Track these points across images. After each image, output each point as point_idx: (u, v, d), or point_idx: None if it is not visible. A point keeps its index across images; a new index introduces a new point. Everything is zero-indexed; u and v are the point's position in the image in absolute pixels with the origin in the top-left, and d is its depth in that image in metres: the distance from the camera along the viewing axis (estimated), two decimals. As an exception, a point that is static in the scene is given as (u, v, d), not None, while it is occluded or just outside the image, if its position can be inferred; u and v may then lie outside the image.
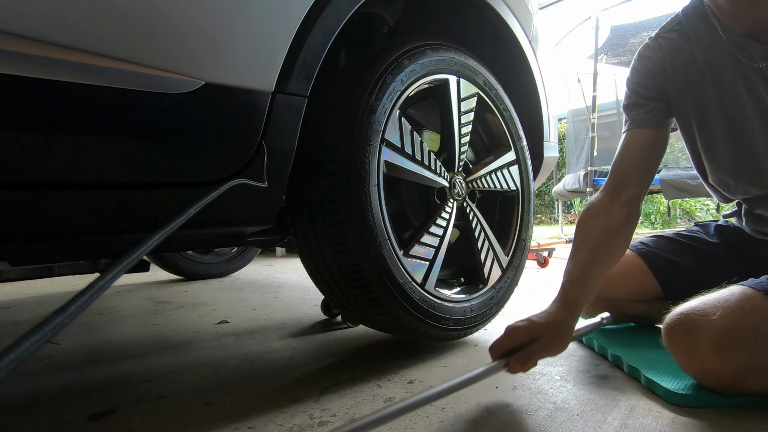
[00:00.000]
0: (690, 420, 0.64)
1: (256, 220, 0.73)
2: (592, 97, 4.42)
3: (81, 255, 0.79)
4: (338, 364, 0.93)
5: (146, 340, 1.16)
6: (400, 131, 0.87)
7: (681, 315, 0.72)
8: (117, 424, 0.68)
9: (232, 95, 0.63)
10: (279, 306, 1.56)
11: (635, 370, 0.80)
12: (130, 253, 0.31)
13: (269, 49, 0.67)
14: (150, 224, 0.62)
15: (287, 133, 0.71)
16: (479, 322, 1.01)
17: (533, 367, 0.74)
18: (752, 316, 0.67)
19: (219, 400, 0.75)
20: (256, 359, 0.97)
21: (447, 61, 0.96)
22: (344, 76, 0.87)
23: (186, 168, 0.63)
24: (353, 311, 0.89)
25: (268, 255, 3.61)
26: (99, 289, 0.26)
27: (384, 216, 0.82)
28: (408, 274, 0.84)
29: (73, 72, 0.51)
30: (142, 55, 0.55)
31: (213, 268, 2.38)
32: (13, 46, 0.47)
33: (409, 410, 0.57)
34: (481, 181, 1.06)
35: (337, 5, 0.75)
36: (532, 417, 0.66)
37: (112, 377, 0.89)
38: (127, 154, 0.58)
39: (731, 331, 0.66)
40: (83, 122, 0.53)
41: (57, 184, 0.54)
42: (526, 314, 0.77)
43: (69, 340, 1.17)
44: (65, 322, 0.23)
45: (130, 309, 1.59)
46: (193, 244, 1.03)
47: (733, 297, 0.70)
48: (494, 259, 1.07)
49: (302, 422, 0.66)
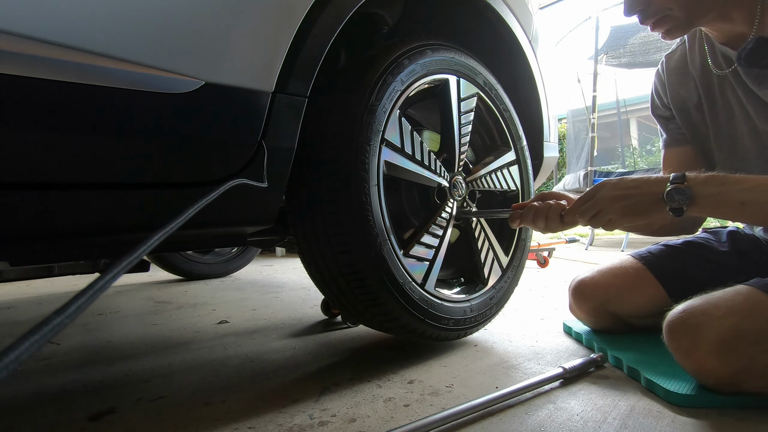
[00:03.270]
0: (690, 420, 0.64)
1: (256, 220, 0.73)
2: (592, 97, 4.42)
3: (81, 255, 0.79)
4: (338, 364, 0.93)
5: (146, 340, 1.16)
6: (400, 131, 0.87)
7: (683, 313, 0.72)
8: (117, 424, 0.68)
9: (232, 95, 0.63)
10: (279, 306, 1.56)
11: (635, 371, 0.80)
12: (130, 253, 0.31)
13: (269, 49, 0.67)
14: (150, 224, 0.62)
15: (287, 133, 0.71)
16: (479, 322, 1.01)
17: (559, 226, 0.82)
18: (755, 318, 0.66)
19: (219, 400, 0.75)
20: (256, 359, 0.97)
21: (447, 61, 0.96)
22: (344, 76, 0.87)
23: (186, 168, 0.63)
24: (353, 311, 0.89)
25: (268, 255, 3.61)
26: (99, 289, 0.26)
27: (384, 216, 0.82)
28: (408, 274, 0.84)
29: (73, 72, 0.51)
30: (141, 55, 0.55)
31: (213, 268, 2.38)
32: (13, 46, 0.47)
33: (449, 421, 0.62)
34: (481, 181, 1.06)
35: (337, 5, 0.75)
36: (532, 417, 0.66)
37: (112, 377, 0.89)
38: (127, 154, 0.58)
39: (733, 333, 0.66)
40: (83, 122, 0.53)
41: (57, 184, 0.54)
42: (527, 314, 0.77)
43: (69, 340, 1.17)
44: (65, 322, 0.23)
45: (130, 309, 1.59)
46: (193, 244, 1.03)
47: (738, 297, 0.69)
48: (494, 259, 1.07)
49: (302, 422, 0.66)
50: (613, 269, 1.02)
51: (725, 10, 0.80)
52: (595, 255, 3.22)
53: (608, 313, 1.01)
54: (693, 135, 0.98)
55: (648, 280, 0.97)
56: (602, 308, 1.01)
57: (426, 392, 0.76)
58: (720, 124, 0.91)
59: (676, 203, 0.71)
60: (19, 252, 0.69)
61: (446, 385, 0.79)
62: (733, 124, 0.88)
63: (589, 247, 3.80)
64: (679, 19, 0.81)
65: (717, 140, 0.93)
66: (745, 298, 0.69)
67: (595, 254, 3.28)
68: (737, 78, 0.85)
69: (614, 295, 0.99)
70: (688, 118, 0.98)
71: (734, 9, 0.79)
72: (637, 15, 0.83)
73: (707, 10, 0.80)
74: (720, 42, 0.86)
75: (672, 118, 1.01)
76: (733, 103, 0.87)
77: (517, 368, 0.87)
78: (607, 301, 1.00)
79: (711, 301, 0.70)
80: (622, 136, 4.95)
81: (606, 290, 1.00)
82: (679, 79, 0.97)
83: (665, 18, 0.81)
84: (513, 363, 0.90)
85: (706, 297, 0.72)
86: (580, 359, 0.83)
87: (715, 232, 1.05)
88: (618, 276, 1.00)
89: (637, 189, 0.75)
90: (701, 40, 0.92)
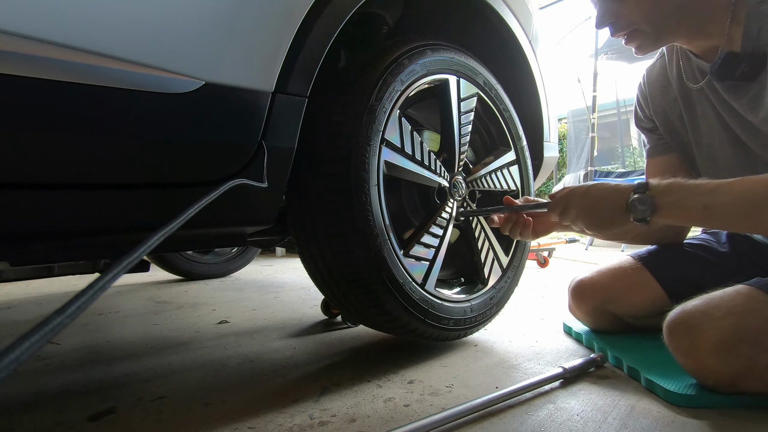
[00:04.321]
0: (690, 420, 0.64)
1: (256, 220, 0.73)
2: (592, 97, 4.43)
3: (81, 255, 0.79)
4: (338, 364, 0.93)
5: (146, 340, 1.16)
6: (400, 131, 0.87)
7: (683, 313, 0.72)
8: (117, 424, 0.68)
9: (232, 95, 0.63)
10: (279, 306, 1.56)
11: (635, 371, 0.80)
12: (130, 253, 0.31)
13: (269, 49, 0.67)
14: (150, 224, 0.62)
15: (287, 133, 0.71)
16: (479, 322, 1.01)
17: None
18: (756, 318, 0.66)
19: (219, 400, 0.75)
20: (256, 359, 0.97)
21: (447, 61, 0.96)
22: (344, 76, 0.87)
23: (186, 168, 0.63)
24: (353, 311, 0.89)
25: (268, 255, 3.61)
26: (99, 289, 0.26)
27: (384, 216, 0.82)
28: (408, 274, 0.84)
29: (73, 72, 0.51)
30: (142, 55, 0.55)
31: (213, 268, 2.38)
32: (13, 47, 0.47)
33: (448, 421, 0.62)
34: (482, 181, 1.06)
35: (337, 5, 0.75)
36: (532, 417, 0.66)
37: (112, 377, 0.89)
38: (127, 154, 0.58)
39: (734, 333, 0.66)
40: (83, 122, 0.53)
41: (57, 184, 0.54)
42: (527, 314, 0.77)
43: (69, 340, 1.17)
44: (65, 322, 0.23)
45: (130, 309, 1.59)
46: (193, 244, 1.03)
47: (738, 298, 0.69)
48: (494, 259, 1.07)
49: (302, 422, 0.66)
50: (613, 270, 1.02)
51: (699, 26, 0.80)
52: (595, 255, 3.22)
53: (608, 313, 1.01)
54: (677, 144, 0.99)
55: (647, 281, 0.97)
56: (602, 308, 1.01)
57: (426, 392, 0.76)
58: (700, 134, 0.92)
59: (639, 213, 0.70)
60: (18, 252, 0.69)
61: (446, 385, 0.79)
62: (711, 133, 0.89)
63: (589, 247, 3.80)
64: (647, 35, 0.81)
65: (698, 149, 0.94)
66: (745, 299, 0.68)
67: (595, 254, 3.28)
68: (712, 89, 0.85)
69: (614, 296, 0.99)
70: (671, 129, 0.99)
71: (709, 24, 0.79)
72: (609, 27, 0.83)
73: (676, 26, 0.80)
74: (697, 55, 0.86)
75: (655, 129, 1.02)
76: (711, 113, 0.88)
77: (517, 368, 0.87)
78: (607, 302, 1.00)
79: (711, 302, 0.70)
80: (622, 136, 4.96)
81: (606, 291, 1.00)
82: (660, 92, 0.98)
83: (635, 33, 0.82)
84: (513, 363, 0.90)
85: (706, 297, 0.72)
86: (580, 359, 0.83)
87: (714, 233, 1.05)
88: (618, 276, 1.00)
89: (603, 199, 0.75)
90: (678, 52, 0.92)
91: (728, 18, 0.77)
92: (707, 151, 0.92)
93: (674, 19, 0.79)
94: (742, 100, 0.80)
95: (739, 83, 0.79)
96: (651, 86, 1.00)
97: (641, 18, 0.79)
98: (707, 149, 0.91)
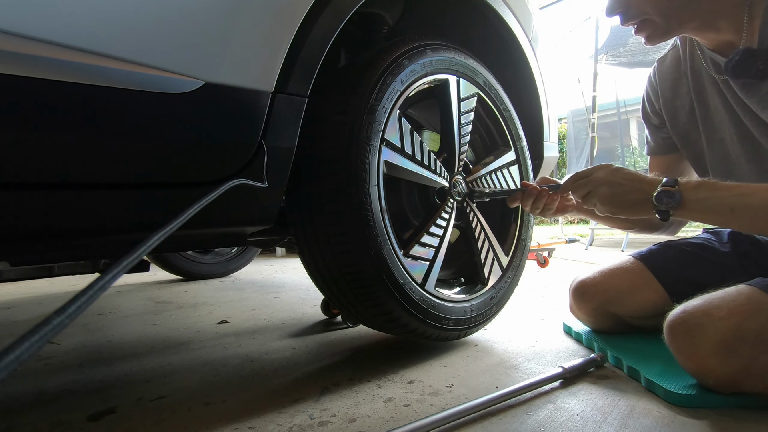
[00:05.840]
0: (690, 420, 0.64)
1: (256, 220, 0.73)
2: (592, 97, 4.42)
3: (81, 255, 0.79)
4: (338, 364, 0.93)
5: (146, 340, 1.16)
6: (400, 131, 0.87)
7: (684, 313, 0.72)
8: (117, 424, 0.68)
9: (232, 95, 0.63)
10: (279, 306, 1.56)
11: (635, 371, 0.80)
12: (130, 253, 0.31)
13: (269, 49, 0.67)
14: (150, 225, 0.62)
15: (287, 133, 0.71)
16: (479, 322, 1.01)
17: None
18: (757, 318, 0.66)
19: (219, 400, 0.75)
20: (256, 359, 0.97)
21: (447, 61, 0.96)
22: (344, 76, 0.87)
23: (186, 168, 0.63)
24: (353, 311, 0.89)
25: (268, 255, 3.61)
26: (99, 289, 0.26)
27: (384, 216, 0.82)
28: (408, 274, 0.84)
29: (73, 72, 0.51)
30: (142, 55, 0.55)
31: (213, 268, 2.38)
32: (13, 47, 0.47)
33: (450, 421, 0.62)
34: (482, 181, 1.06)
35: (337, 5, 0.75)
36: (532, 417, 0.66)
37: (112, 377, 0.89)
38: (127, 154, 0.58)
39: (734, 333, 0.66)
40: (83, 122, 0.53)
41: (57, 185, 0.54)
42: (527, 314, 0.77)
43: (69, 340, 1.17)
44: (65, 322, 0.23)
45: (130, 309, 1.59)
46: (193, 244, 1.03)
47: (739, 298, 0.69)
48: (494, 259, 1.07)
49: (302, 422, 0.66)
50: (614, 270, 1.01)
51: (710, 20, 0.79)
52: (595, 255, 3.22)
53: (609, 313, 1.01)
54: (684, 142, 0.98)
55: (649, 281, 0.97)
56: (603, 309, 1.01)
57: (426, 392, 0.76)
58: (712, 128, 0.91)
59: (664, 206, 0.72)
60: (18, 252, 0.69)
61: (446, 385, 0.79)
62: (724, 128, 0.88)
63: (589, 247, 3.80)
64: (657, 25, 0.81)
65: (709, 144, 0.93)
66: (746, 299, 0.68)
67: (595, 254, 3.28)
68: (726, 84, 0.85)
69: (615, 296, 0.98)
70: (680, 125, 0.98)
71: (720, 19, 0.79)
72: (619, 16, 0.83)
73: (687, 19, 0.80)
74: (709, 48, 0.86)
75: (662, 126, 1.02)
76: (724, 107, 0.87)
77: (517, 368, 0.87)
78: (608, 302, 0.99)
79: (712, 302, 0.70)
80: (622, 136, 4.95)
81: (606, 291, 0.99)
82: (671, 84, 0.97)
83: (645, 23, 0.81)
84: (513, 363, 0.90)
85: (707, 297, 0.72)
86: (580, 359, 0.83)
87: (716, 232, 1.04)
88: (618, 277, 1.00)
89: (631, 183, 0.77)
90: (692, 44, 0.92)
91: (745, 14, 0.77)
92: (720, 146, 0.91)
93: (685, 12, 0.79)
94: (753, 99, 0.80)
95: (752, 81, 0.79)
96: (662, 79, 0.99)
97: (652, 8, 0.79)
98: (720, 144, 0.90)
